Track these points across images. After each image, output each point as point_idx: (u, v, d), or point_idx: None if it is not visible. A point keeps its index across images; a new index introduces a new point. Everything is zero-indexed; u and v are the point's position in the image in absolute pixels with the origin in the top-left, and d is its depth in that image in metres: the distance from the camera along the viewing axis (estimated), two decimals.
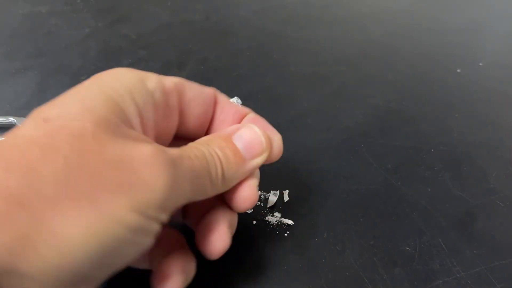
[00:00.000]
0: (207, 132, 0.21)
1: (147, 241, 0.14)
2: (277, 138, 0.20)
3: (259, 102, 0.36)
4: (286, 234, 0.25)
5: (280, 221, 0.26)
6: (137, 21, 0.48)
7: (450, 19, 0.50)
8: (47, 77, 0.38)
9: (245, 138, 0.18)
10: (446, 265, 0.24)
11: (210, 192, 0.17)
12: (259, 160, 0.18)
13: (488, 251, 0.25)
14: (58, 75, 0.39)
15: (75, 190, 0.12)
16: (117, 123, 0.14)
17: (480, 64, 0.42)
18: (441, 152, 0.31)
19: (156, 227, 0.14)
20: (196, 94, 0.19)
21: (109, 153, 0.13)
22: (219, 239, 0.18)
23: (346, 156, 0.31)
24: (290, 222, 0.26)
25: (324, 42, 0.45)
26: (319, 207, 0.27)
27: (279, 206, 0.27)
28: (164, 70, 0.40)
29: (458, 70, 0.41)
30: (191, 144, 0.17)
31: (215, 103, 0.20)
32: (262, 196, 0.27)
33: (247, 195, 0.18)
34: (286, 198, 0.27)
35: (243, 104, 0.30)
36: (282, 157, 0.21)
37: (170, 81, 0.18)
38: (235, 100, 0.30)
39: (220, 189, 0.17)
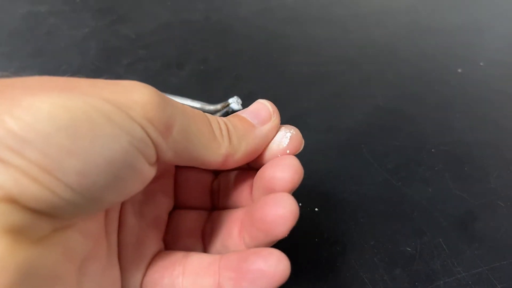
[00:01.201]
0: None
1: (134, 152, 0.13)
2: (294, 130, 0.20)
3: None
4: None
5: None
6: (137, 21, 0.48)
7: (450, 19, 0.50)
8: None
9: (249, 108, 0.19)
10: (447, 266, 0.24)
11: (215, 146, 0.16)
12: (270, 125, 0.18)
13: (489, 251, 0.25)
14: (57, 75, 0.38)
15: (52, 85, 0.12)
16: None
17: (481, 63, 0.41)
18: (441, 152, 0.31)
19: (143, 137, 0.13)
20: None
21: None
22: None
23: (346, 156, 0.31)
24: None
25: (324, 42, 0.45)
26: (319, 207, 0.27)
27: None
28: (164, 70, 0.40)
29: (459, 70, 0.40)
30: None
31: None
32: None
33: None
34: None
35: (243, 104, 0.30)
36: None
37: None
38: (235, 99, 0.30)
39: (229, 149, 0.17)
